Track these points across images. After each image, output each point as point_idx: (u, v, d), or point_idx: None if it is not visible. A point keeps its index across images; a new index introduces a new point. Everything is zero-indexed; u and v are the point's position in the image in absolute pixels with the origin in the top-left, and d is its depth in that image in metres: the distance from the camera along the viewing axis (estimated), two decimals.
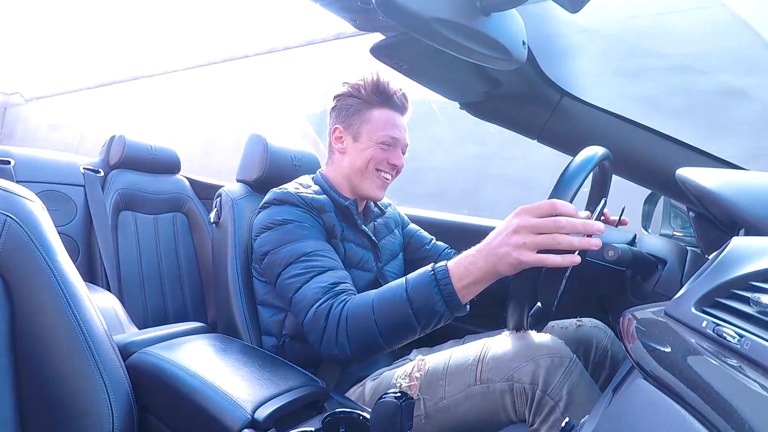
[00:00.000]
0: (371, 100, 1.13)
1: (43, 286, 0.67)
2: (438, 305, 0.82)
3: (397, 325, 0.85)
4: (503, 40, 0.68)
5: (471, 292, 0.83)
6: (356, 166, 1.13)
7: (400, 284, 0.86)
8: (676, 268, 0.95)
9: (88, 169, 1.73)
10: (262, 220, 1.07)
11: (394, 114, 1.14)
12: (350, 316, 0.87)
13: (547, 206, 0.75)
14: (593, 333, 1.10)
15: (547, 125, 1.07)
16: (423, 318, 0.84)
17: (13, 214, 0.66)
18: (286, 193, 1.08)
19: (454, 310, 0.83)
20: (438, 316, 0.83)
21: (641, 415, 0.42)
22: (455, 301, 0.82)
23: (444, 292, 0.82)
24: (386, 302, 0.86)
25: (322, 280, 0.94)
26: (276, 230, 1.04)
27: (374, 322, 0.85)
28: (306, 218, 1.05)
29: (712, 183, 0.71)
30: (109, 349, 0.73)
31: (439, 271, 0.83)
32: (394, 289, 0.87)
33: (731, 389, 0.36)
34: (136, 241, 1.77)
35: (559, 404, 0.81)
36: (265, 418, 0.67)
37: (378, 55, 0.87)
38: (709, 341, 0.46)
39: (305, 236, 1.02)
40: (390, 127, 1.12)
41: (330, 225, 1.08)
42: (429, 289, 0.82)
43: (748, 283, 0.48)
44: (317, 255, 0.99)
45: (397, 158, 1.13)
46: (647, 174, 1.04)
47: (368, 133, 1.12)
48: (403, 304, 0.84)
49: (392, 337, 0.87)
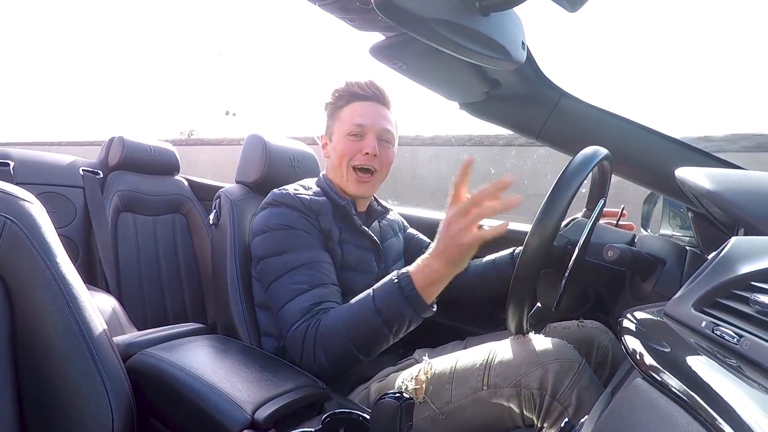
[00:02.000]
0: (339, 103, 1.16)
1: (42, 287, 0.67)
2: (406, 311, 0.88)
3: (370, 336, 0.91)
4: (502, 41, 0.67)
5: (434, 291, 0.90)
6: (334, 165, 1.15)
7: (367, 297, 0.91)
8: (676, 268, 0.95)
9: (87, 170, 1.72)
10: (260, 221, 1.08)
11: (360, 104, 1.15)
12: (324, 335, 0.91)
13: (462, 198, 0.85)
14: (594, 333, 1.10)
15: (546, 125, 1.07)
16: (394, 325, 0.89)
17: (12, 216, 0.66)
18: (284, 195, 1.09)
19: (422, 312, 0.90)
20: (407, 320, 0.90)
21: (640, 416, 0.42)
22: (421, 304, 0.88)
23: (410, 298, 0.87)
24: (356, 317, 0.90)
25: (305, 300, 0.96)
26: (271, 235, 1.05)
27: (348, 338, 0.90)
28: (302, 222, 1.05)
29: (712, 183, 0.71)
30: (109, 351, 0.73)
31: (402, 278, 0.89)
32: (362, 303, 0.92)
33: (730, 389, 0.36)
34: (136, 242, 1.77)
35: (568, 409, 0.81)
36: (265, 418, 0.67)
37: (377, 56, 0.87)
38: (709, 341, 0.46)
39: (299, 246, 1.03)
40: (355, 116, 1.13)
41: (327, 227, 1.08)
42: (395, 297, 0.88)
43: (747, 283, 0.48)
44: (307, 268, 1.00)
45: (368, 146, 1.11)
46: (646, 174, 1.04)
47: (338, 130, 1.15)
48: (373, 316, 0.89)
49: (367, 348, 0.92)
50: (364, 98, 1.15)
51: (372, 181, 1.15)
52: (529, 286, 0.82)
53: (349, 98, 1.15)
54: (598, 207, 0.95)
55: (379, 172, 1.15)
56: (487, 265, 1.26)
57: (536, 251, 0.79)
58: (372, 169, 1.13)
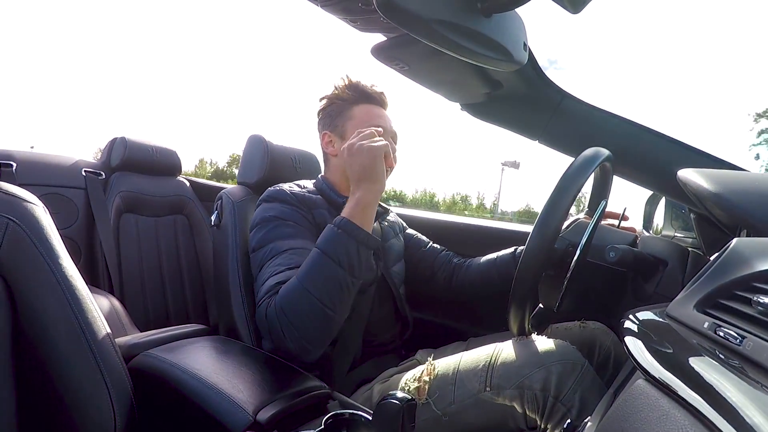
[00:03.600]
0: (349, 99, 1.18)
1: (45, 288, 0.67)
2: (349, 243, 0.92)
3: (328, 284, 0.90)
4: (504, 42, 0.67)
5: (366, 217, 0.95)
6: None
7: (312, 250, 0.94)
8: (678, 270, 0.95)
9: (90, 171, 1.73)
10: (254, 217, 1.11)
11: (374, 107, 1.18)
12: (283, 304, 0.90)
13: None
14: (596, 334, 1.10)
15: (548, 126, 1.07)
16: (344, 262, 0.91)
17: (15, 217, 0.66)
18: (277, 191, 1.11)
19: (363, 239, 0.94)
20: (355, 252, 0.92)
21: (643, 417, 0.42)
22: (360, 232, 0.93)
23: (347, 230, 0.92)
24: (308, 271, 0.90)
25: (272, 281, 0.96)
26: (261, 228, 1.07)
27: (307, 296, 0.88)
28: (293, 215, 1.07)
29: (714, 184, 0.71)
30: (112, 352, 0.73)
31: (337, 220, 0.94)
32: (310, 258, 0.93)
33: (733, 391, 0.36)
34: (138, 243, 1.78)
35: (571, 411, 0.81)
36: (267, 420, 0.67)
37: (379, 57, 0.87)
38: (711, 342, 0.46)
39: (285, 235, 1.04)
40: (373, 117, 1.16)
41: (321, 221, 1.10)
42: (335, 235, 0.92)
43: (749, 284, 0.48)
44: (288, 253, 1.01)
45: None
46: (648, 175, 1.04)
47: (353, 129, 1.14)
48: (322, 261, 0.91)
49: (330, 298, 0.90)
50: (374, 101, 1.18)
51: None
52: (530, 288, 0.82)
53: (360, 98, 1.17)
54: (600, 208, 0.95)
55: (389, 171, 1.16)
56: (489, 263, 1.27)
57: (537, 253, 0.79)
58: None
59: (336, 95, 1.20)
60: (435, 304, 1.58)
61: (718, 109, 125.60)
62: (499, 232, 1.56)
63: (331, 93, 1.21)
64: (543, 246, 0.79)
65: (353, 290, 0.94)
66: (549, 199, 0.80)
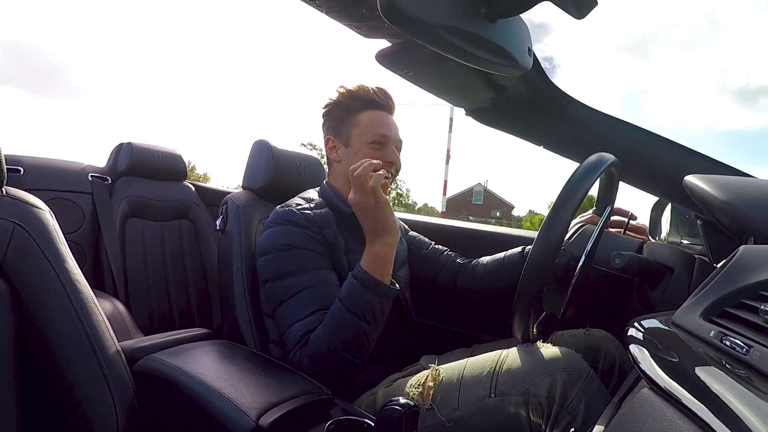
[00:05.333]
0: (355, 105, 1.16)
1: (51, 292, 0.67)
2: (372, 297, 0.96)
3: (352, 336, 0.95)
4: (509, 47, 0.67)
5: (386, 270, 0.99)
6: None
7: (335, 304, 0.98)
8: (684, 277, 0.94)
9: (96, 176, 1.74)
10: (265, 242, 1.09)
11: (380, 113, 1.16)
12: (313, 357, 0.96)
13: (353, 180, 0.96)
14: (601, 341, 1.09)
15: (554, 132, 1.06)
16: (368, 315, 0.96)
17: (21, 221, 0.66)
18: (287, 213, 1.09)
19: (385, 293, 0.98)
20: (378, 305, 0.97)
21: (647, 426, 0.41)
22: (382, 286, 0.97)
23: (370, 285, 0.96)
24: (333, 325, 0.96)
25: (298, 330, 0.99)
26: (275, 257, 1.06)
27: (333, 349, 0.95)
28: (306, 240, 1.06)
29: (720, 190, 0.70)
30: (116, 355, 0.74)
31: (357, 272, 0.97)
32: (333, 312, 0.97)
33: (739, 400, 0.35)
34: (143, 247, 1.78)
35: (576, 418, 0.80)
36: (269, 424, 0.67)
37: (383, 62, 0.87)
38: (717, 351, 0.45)
39: (303, 267, 1.04)
40: (378, 126, 1.14)
41: (331, 239, 1.09)
42: (357, 290, 0.96)
43: (756, 292, 0.47)
44: (309, 292, 1.02)
45: (392, 155, 1.14)
46: (654, 181, 1.03)
47: (358, 136, 1.14)
48: (346, 317, 0.95)
49: (356, 348, 0.96)
50: (381, 107, 1.16)
51: (389, 184, 1.16)
52: (534, 297, 0.82)
53: (366, 104, 1.15)
54: (605, 214, 0.94)
55: (393, 177, 1.17)
56: (496, 262, 1.27)
57: (540, 266, 0.79)
58: (389, 176, 1.14)
59: (341, 99, 1.18)
60: (439, 310, 1.58)
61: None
62: (503, 237, 1.56)
63: (337, 96, 1.19)
64: (545, 258, 0.79)
65: (376, 333, 1.00)
66: (553, 205, 0.79)
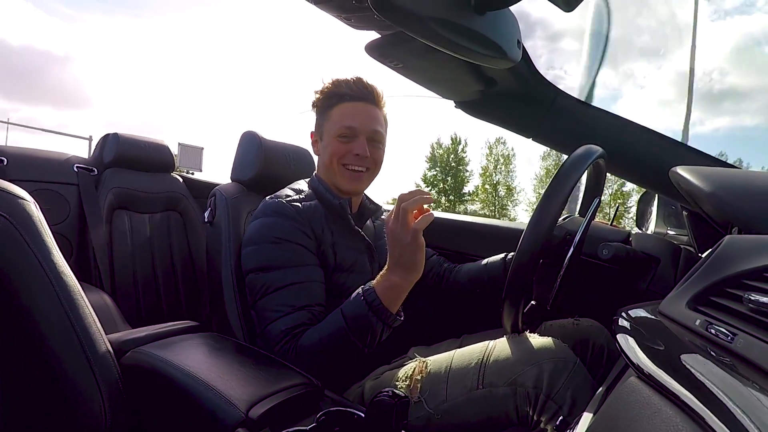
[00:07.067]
0: (328, 103, 1.15)
1: (36, 284, 0.66)
2: (376, 324, 0.93)
3: (345, 352, 0.95)
4: (498, 39, 0.68)
5: (398, 302, 0.95)
6: (325, 164, 1.14)
7: (338, 316, 0.95)
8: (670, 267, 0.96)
9: (82, 167, 1.71)
10: (253, 232, 1.07)
11: (351, 105, 1.13)
12: (302, 355, 0.95)
13: (397, 209, 0.90)
14: (589, 331, 1.10)
15: (542, 124, 1.07)
16: (366, 339, 0.93)
17: (5, 212, 0.65)
18: (277, 204, 1.08)
19: (390, 322, 0.95)
20: (379, 332, 0.94)
21: (634, 414, 0.42)
22: (389, 316, 0.94)
23: (378, 312, 0.92)
24: (330, 337, 0.94)
25: (286, 322, 0.98)
26: (261, 248, 1.04)
27: (324, 357, 0.94)
28: (295, 233, 1.04)
29: (705, 182, 0.71)
30: (103, 348, 0.73)
31: (368, 294, 0.93)
32: (334, 323, 0.95)
33: (724, 387, 0.36)
34: (130, 239, 1.76)
35: (563, 408, 0.81)
36: (259, 416, 0.67)
37: (373, 54, 0.87)
38: (703, 339, 0.46)
39: (288, 262, 1.02)
40: (344, 118, 1.12)
41: (319, 232, 1.08)
42: (364, 313, 0.92)
43: (740, 281, 0.48)
44: (293, 288, 1.01)
45: (359, 147, 1.11)
46: (641, 173, 1.04)
47: (328, 130, 1.14)
48: (345, 333, 0.93)
49: (350, 361, 0.97)
50: (354, 98, 1.13)
51: (365, 176, 1.15)
52: (523, 286, 0.82)
53: (338, 99, 1.13)
54: (593, 206, 0.95)
55: (371, 170, 1.15)
56: (479, 268, 1.27)
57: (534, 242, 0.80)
58: (363, 168, 1.13)
59: (318, 97, 1.17)
60: (428, 302, 1.59)
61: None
62: (496, 229, 1.56)
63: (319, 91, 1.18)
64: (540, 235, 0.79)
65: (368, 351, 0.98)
66: (543, 194, 0.80)
